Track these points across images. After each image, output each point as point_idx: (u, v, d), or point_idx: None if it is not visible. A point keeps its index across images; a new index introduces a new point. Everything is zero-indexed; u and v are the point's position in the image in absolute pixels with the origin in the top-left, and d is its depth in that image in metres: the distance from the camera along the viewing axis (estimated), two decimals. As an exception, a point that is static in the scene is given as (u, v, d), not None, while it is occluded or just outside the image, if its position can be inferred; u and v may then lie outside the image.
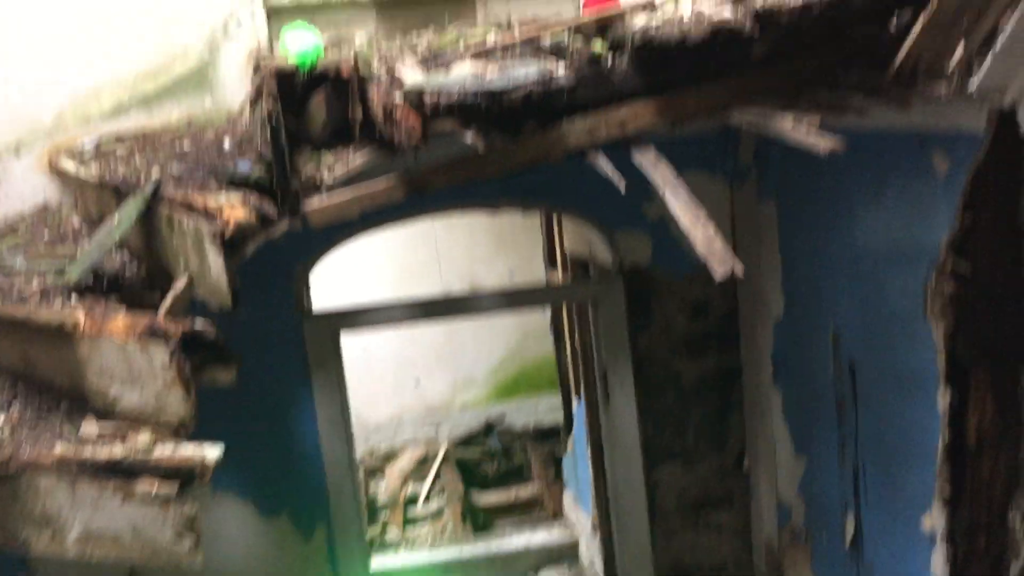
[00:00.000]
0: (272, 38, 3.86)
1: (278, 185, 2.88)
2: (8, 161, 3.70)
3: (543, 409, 8.66)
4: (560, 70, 2.67)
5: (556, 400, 7.51)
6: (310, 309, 4.42)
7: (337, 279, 6.39)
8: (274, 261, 3.92)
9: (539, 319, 7.91)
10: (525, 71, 2.53)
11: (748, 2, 2.73)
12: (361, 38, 4.12)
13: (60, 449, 2.39)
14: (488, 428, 8.83)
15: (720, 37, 2.57)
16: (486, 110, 2.40)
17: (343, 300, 4.58)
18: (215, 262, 2.61)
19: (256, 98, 3.51)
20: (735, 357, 4.66)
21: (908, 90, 2.45)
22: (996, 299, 2.78)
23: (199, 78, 3.83)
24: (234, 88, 3.85)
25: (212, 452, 2.40)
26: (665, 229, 4.33)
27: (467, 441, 8.70)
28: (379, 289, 8.13)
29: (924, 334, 3.03)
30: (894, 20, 2.55)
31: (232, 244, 2.68)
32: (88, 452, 2.39)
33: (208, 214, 2.65)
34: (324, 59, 3.55)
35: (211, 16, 3.80)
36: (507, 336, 8.80)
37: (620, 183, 2.85)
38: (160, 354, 2.51)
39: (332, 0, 4.18)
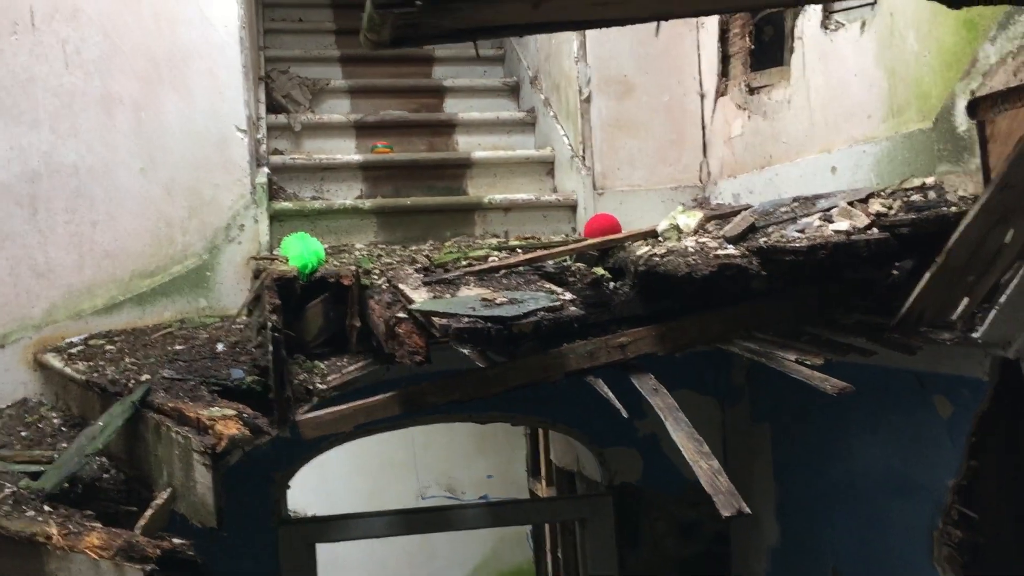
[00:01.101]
0: (272, 243, 3.90)
1: (275, 397, 2.81)
2: (-9, 353, 3.62)
3: (517, 621, 8.28)
4: (567, 295, 2.68)
5: (532, 614, 7.18)
6: (287, 517, 4.25)
7: (307, 476, 6.21)
8: (252, 469, 3.80)
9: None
10: (534, 298, 2.54)
11: (750, 239, 2.80)
12: (361, 246, 4.19)
13: None
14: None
15: (727, 273, 2.61)
16: (496, 336, 2.38)
17: (313, 499, 4.43)
18: (203, 478, 2.50)
19: (254, 303, 3.51)
20: (727, 583, 4.50)
21: (912, 336, 2.48)
22: (1005, 547, 2.71)
23: (197, 278, 3.83)
24: (231, 290, 3.84)
25: None
26: (656, 446, 4.27)
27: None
28: (352, 486, 7.92)
29: (930, 577, 2.93)
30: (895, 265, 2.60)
31: (220, 457, 2.58)
32: None
33: (200, 426, 2.57)
34: (325, 266, 3.59)
35: (215, 218, 3.84)
36: (483, 542, 8.51)
37: (621, 409, 2.81)
38: (135, 577, 2.36)
39: (334, 207, 4.28)
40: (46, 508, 2.68)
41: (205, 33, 3.82)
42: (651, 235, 3.24)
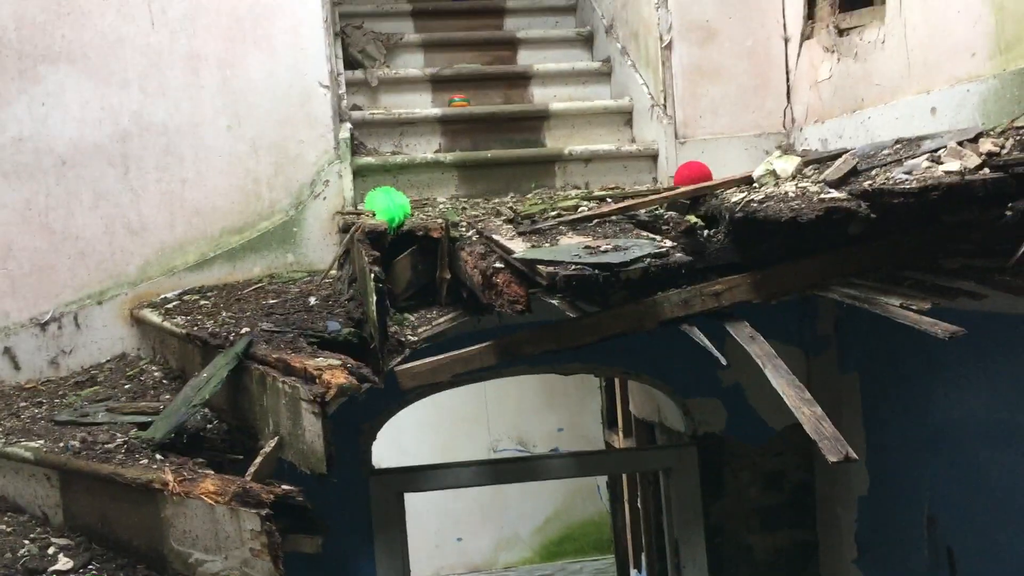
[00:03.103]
0: (357, 198, 3.92)
1: (378, 346, 2.85)
2: (90, 309, 3.72)
3: (589, 574, 8.34)
4: (666, 242, 2.66)
5: (604, 565, 7.25)
6: (375, 468, 4.32)
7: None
8: (342, 420, 3.86)
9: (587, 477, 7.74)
10: (637, 245, 2.52)
11: (852, 183, 2.74)
12: (443, 199, 4.20)
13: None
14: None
15: (835, 216, 2.56)
16: (603, 282, 2.38)
17: (386, 452, 4.49)
18: (312, 426, 2.55)
19: (344, 256, 3.55)
20: (811, 532, 4.48)
21: (1026, 278, 2.42)
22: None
23: (284, 234, 3.87)
24: (317, 245, 3.89)
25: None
26: (740, 396, 4.26)
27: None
28: (424, 439, 8.02)
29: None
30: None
31: (328, 405, 2.63)
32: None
33: (307, 376, 2.62)
34: (411, 220, 3.60)
35: (300, 174, 3.87)
36: (554, 493, 8.58)
37: (720, 358, 2.80)
38: (251, 521, 2.42)
39: (415, 161, 4.28)
40: (158, 457, 2.77)
41: (287, -12, 3.83)
42: (745, 181, 3.19)
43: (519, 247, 2.76)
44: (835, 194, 2.66)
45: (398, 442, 7.46)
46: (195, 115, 3.78)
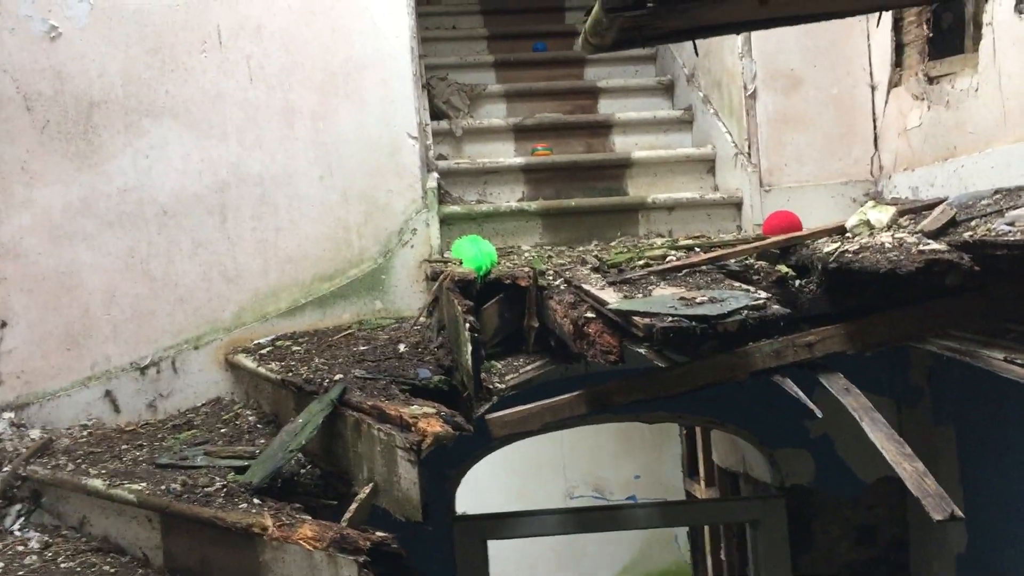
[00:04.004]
0: (443, 246, 3.99)
1: (472, 394, 2.88)
2: (187, 354, 3.82)
3: (667, 625, 8.21)
4: (761, 294, 2.65)
5: (683, 616, 7.12)
6: (460, 514, 4.34)
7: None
8: (428, 465, 3.89)
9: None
10: (734, 297, 2.52)
11: (951, 234, 2.70)
12: (527, 248, 4.24)
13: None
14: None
15: (936, 268, 2.52)
16: (700, 336, 2.38)
17: (464, 497, 4.49)
18: (408, 473, 2.58)
19: (433, 304, 3.60)
20: (905, 590, 4.35)
21: None
22: None
23: (372, 281, 3.95)
24: (404, 292, 3.95)
25: None
26: (829, 447, 4.18)
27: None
28: (501, 485, 8.01)
29: None
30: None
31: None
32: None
33: (402, 424, 2.65)
34: (497, 268, 3.65)
35: (389, 223, 3.95)
36: (632, 541, 8.47)
37: (815, 410, 2.76)
38: (348, 568, 2.45)
39: (500, 209, 4.35)
40: (256, 501, 2.83)
41: (378, 44, 3.94)
42: (838, 231, 3.16)
43: (611, 297, 2.77)
44: (934, 245, 2.62)
45: (475, 487, 7.46)
46: (289, 166, 3.89)
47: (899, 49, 4.01)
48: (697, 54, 3.75)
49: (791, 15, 1.70)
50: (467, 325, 2.80)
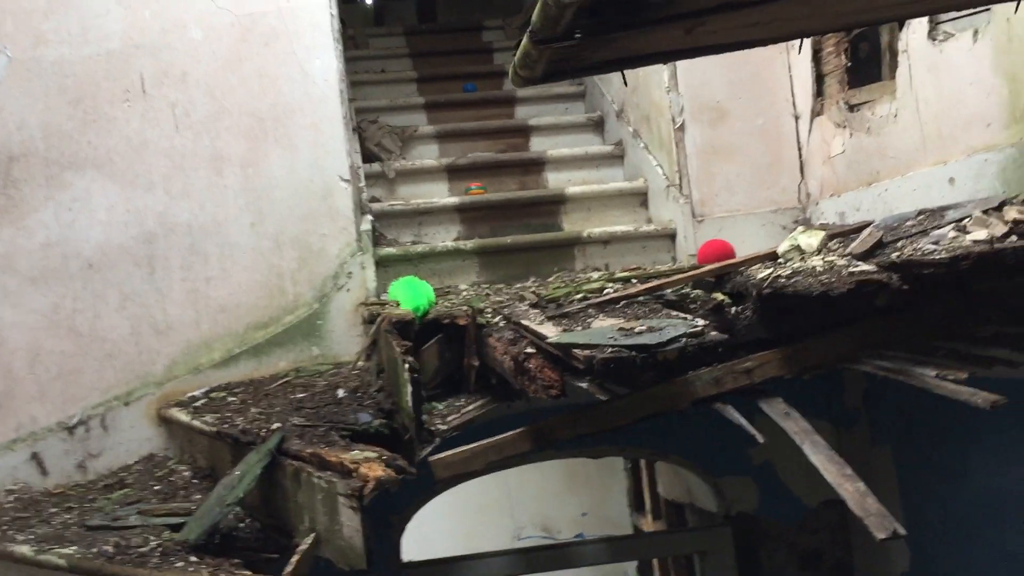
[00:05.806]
0: (380, 288, 3.94)
1: (414, 436, 2.83)
2: (118, 411, 3.70)
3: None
4: (699, 321, 2.67)
5: (636, 652, 7.05)
6: (406, 561, 4.25)
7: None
8: (372, 512, 3.81)
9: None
10: (672, 325, 2.53)
11: (879, 255, 2.75)
12: (465, 286, 4.22)
13: None
14: None
15: (866, 289, 2.56)
16: (640, 365, 2.38)
17: (408, 542, 4.40)
18: (350, 521, 2.52)
19: (371, 347, 3.55)
20: (853, 612, 4.37)
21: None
22: None
23: (308, 327, 3.88)
24: (341, 337, 3.89)
25: None
26: (772, 473, 4.21)
27: None
28: (447, 528, 7.89)
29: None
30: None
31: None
32: None
33: (344, 470, 2.59)
34: (436, 308, 3.62)
35: (324, 267, 3.90)
36: (581, 580, 8.41)
37: (757, 436, 2.77)
38: (291, 624, 2.38)
39: (436, 249, 4.33)
40: (192, 559, 2.73)
41: (306, 88, 3.91)
42: (770, 257, 3.21)
43: (551, 331, 2.76)
44: (864, 267, 2.67)
45: (421, 533, 7.34)
46: (219, 214, 3.83)
47: (820, 79, 4.11)
48: (626, 84, 3.80)
49: (714, 43, 1.73)
50: (406, 366, 2.77)
